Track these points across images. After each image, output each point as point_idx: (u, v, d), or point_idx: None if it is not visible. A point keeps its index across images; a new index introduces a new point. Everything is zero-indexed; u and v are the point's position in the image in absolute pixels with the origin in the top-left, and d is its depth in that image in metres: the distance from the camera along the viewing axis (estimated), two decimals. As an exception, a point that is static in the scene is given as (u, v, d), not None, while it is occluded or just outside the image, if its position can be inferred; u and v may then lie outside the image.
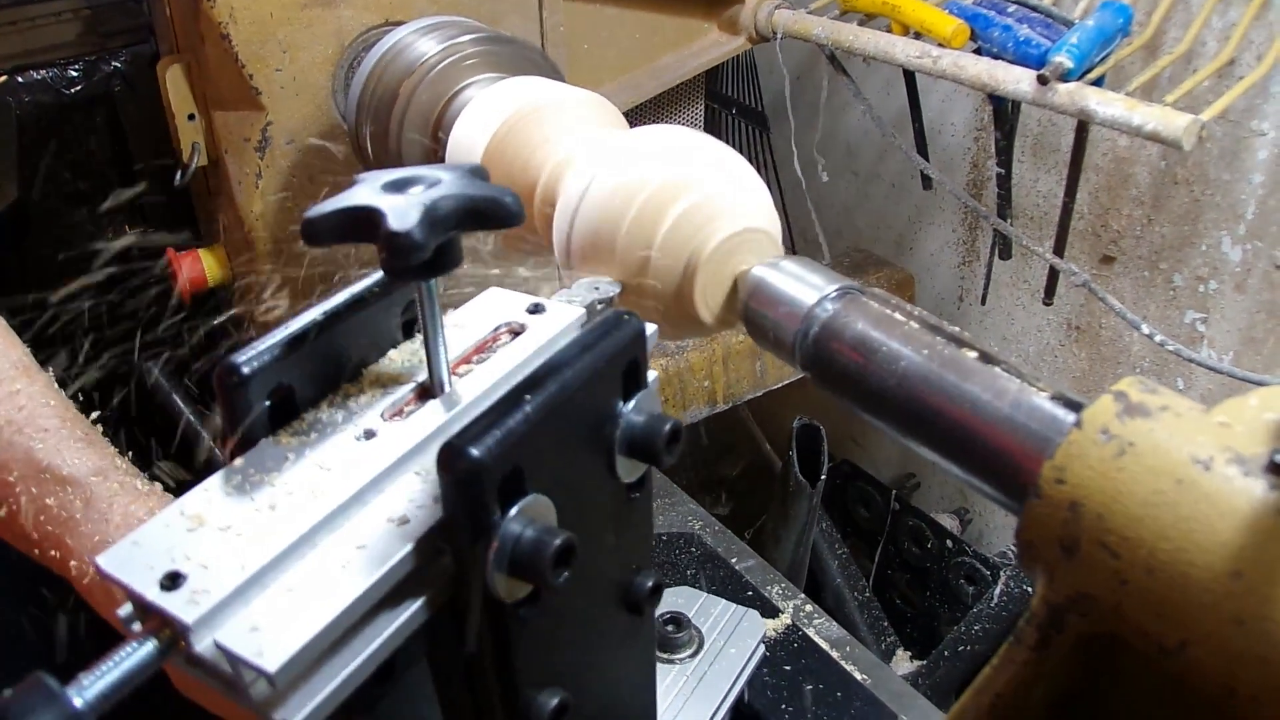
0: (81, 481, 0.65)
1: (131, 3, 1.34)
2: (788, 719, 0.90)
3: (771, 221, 0.65)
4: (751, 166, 0.67)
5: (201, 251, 1.21)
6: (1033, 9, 1.12)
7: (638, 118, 1.36)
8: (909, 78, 1.35)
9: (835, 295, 0.57)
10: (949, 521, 1.70)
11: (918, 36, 1.18)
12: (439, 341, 0.48)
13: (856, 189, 1.83)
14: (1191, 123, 0.94)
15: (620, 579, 0.54)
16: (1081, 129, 1.15)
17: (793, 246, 1.77)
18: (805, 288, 0.58)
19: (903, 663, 1.48)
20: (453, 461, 0.40)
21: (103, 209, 1.28)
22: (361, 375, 0.50)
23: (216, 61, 1.07)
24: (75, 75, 1.31)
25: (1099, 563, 0.40)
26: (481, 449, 0.40)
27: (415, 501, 0.44)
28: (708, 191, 0.62)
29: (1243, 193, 1.26)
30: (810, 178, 1.53)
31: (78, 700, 0.36)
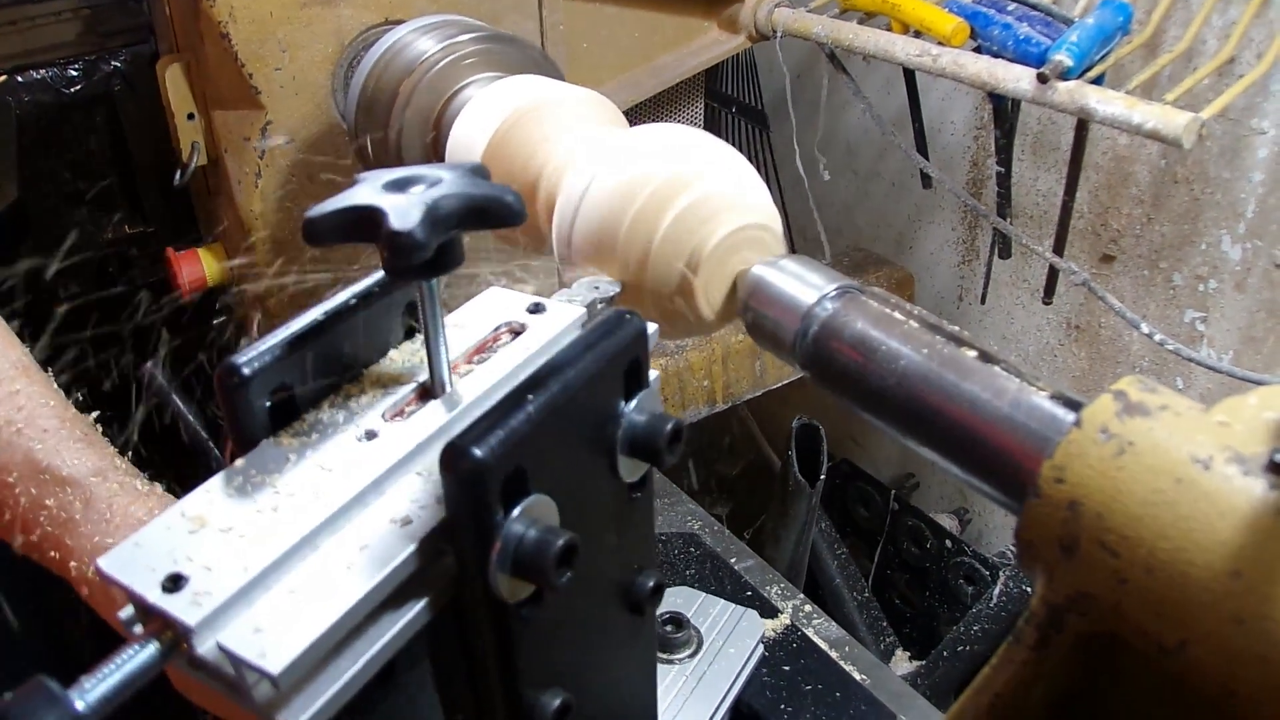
0: (81, 482, 0.65)
1: (131, 2, 1.34)
2: (787, 719, 0.90)
3: (772, 220, 0.65)
4: (751, 165, 0.67)
5: (201, 251, 1.21)
6: (1032, 7, 1.12)
7: (637, 116, 1.36)
8: (909, 76, 1.35)
9: (835, 294, 0.57)
10: (948, 521, 1.70)
11: (917, 35, 1.18)
12: (440, 341, 0.47)
13: (856, 188, 1.83)
14: (1191, 121, 0.94)
15: (622, 579, 0.53)
16: (1081, 127, 1.15)
17: (792, 245, 1.77)
18: (805, 287, 0.58)
19: (902, 663, 1.48)
20: (456, 461, 0.40)
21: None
22: (362, 375, 0.50)
23: (216, 61, 1.07)
24: (75, 75, 1.31)
25: (1098, 562, 0.40)
26: (484, 449, 0.40)
27: (418, 502, 0.44)
28: (708, 190, 0.62)
29: (1243, 191, 1.26)
30: (811, 176, 1.53)
31: (80, 703, 0.36)
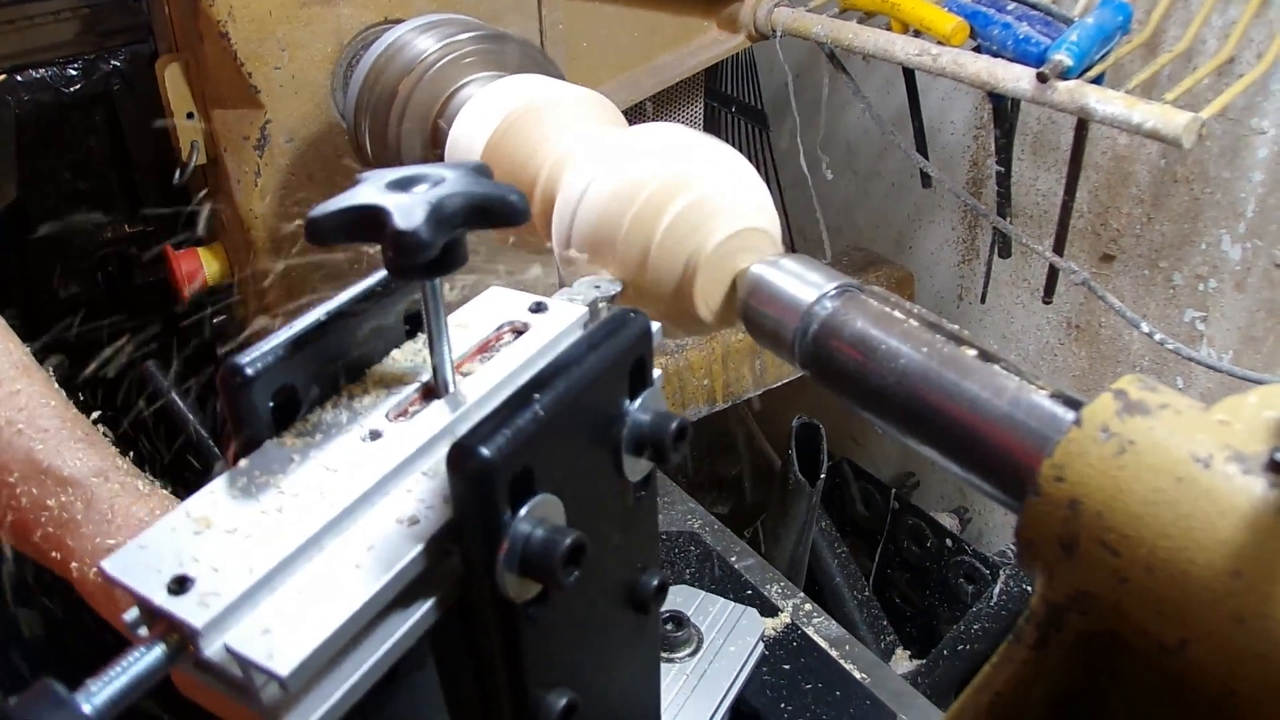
0: (82, 482, 0.65)
1: (130, 2, 1.34)
2: (787, 718, 0.90)
3: (771, 220, 0.64)
4: (751, 165, 0.67)
5: (200, 249, 1.21)
6: (1032, 6, 1.12)
7: (637, 116, 1.35)
8: (908, 76, 1.35)
9: (834, 293, 0.57)
10: (948, 520, 1.70)
11: (917, 34, 1.18)
12: (443, 341, 0.47)
13: (856, 187, 1.82)
14: (1191, 121, 0.94)
15: (626, 578, 0.53)
16: (1081, 127, 1.15)
17: (792, 245, 1.77)
18: (804, 286, 0.58)
19: (902, 662, 1.48)
20: (463, 461, 0.40)
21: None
22: (365, 375, 0.50)
23: (215, 60, 1.07)
24: (74, 74, 1.31)
25: (1099, 561, 0.40)
26: (492, 448, 0.39)
27: (424, 502, 0.44)
28: (707, 189, 0.62)
29: (1242, 191, 1.26)
30: (813, 176, 1.53)
31: (86, 707, 0.35)
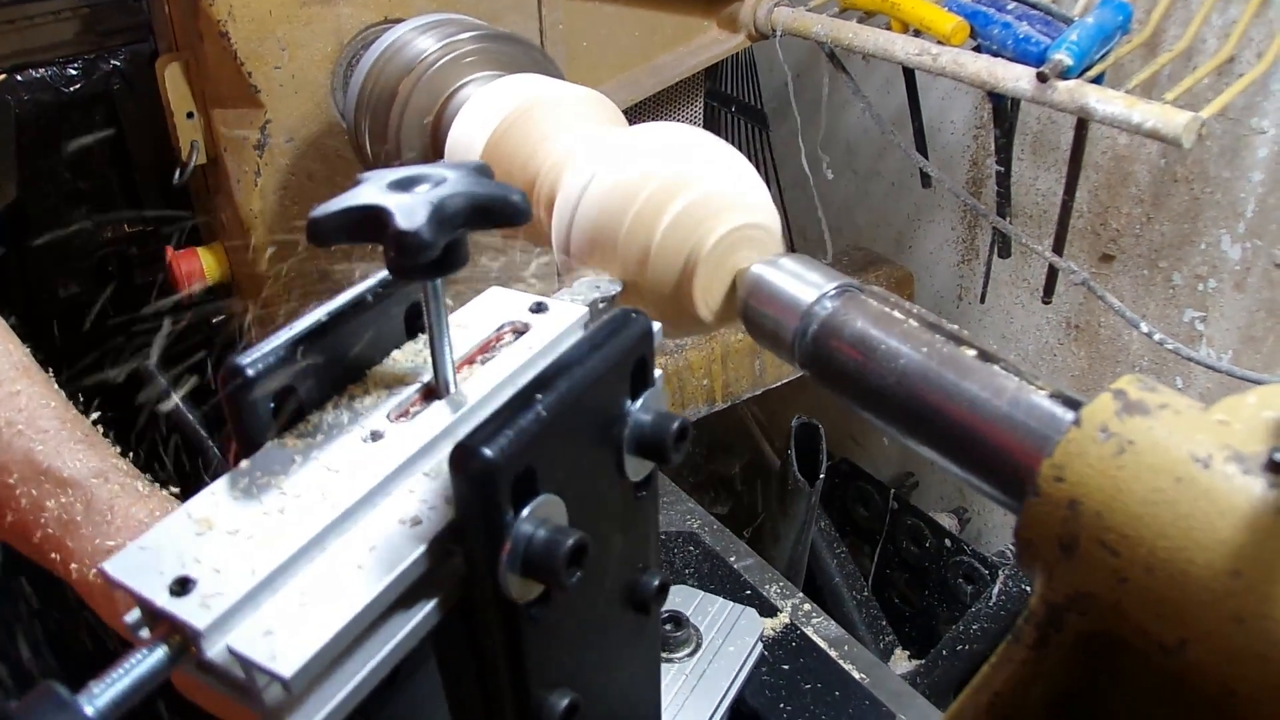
0: (82, 483, 0.65)
1: (130, 1, 1.34)
2: (786, 718, 0.90)
3: (771, 219, 0.64)
4: (751, 164, 0.67)
5: (200, 249, 1.21)
6: (1032, 6, 1.12)
7: (637, 116, 1.35)
8: (908, 75, 1.35)
9: (834, 293, 0.57)
10: (948, 521, 1.70)
11: (917, 34, 1.18)
12: (444, 341, 0.47)
13: (856, 187, 1.82)
14: (1191, 120, 0.94)
15: (627, 578, 0.53)
16: (1081, 127, 1.15)
17: (792, 245, 1.77)
18: (804, 285, 0.58)
19: (901, 662, 1.48)
20: (466, 462, 0.40)
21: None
22: (365, 376, 0.50)
23: (215, 59, 1.07)
24: (74, 74, 1.31)
25: (1098, 561, 0.40)
26: (495, 449, 0.39)
27: (427, 502, 0.44)
28: (707, 189, 0.62)
29: (1242, 191, 1.26)
30: (812, 175, 1.53)
31: (89, 709, 0.35)
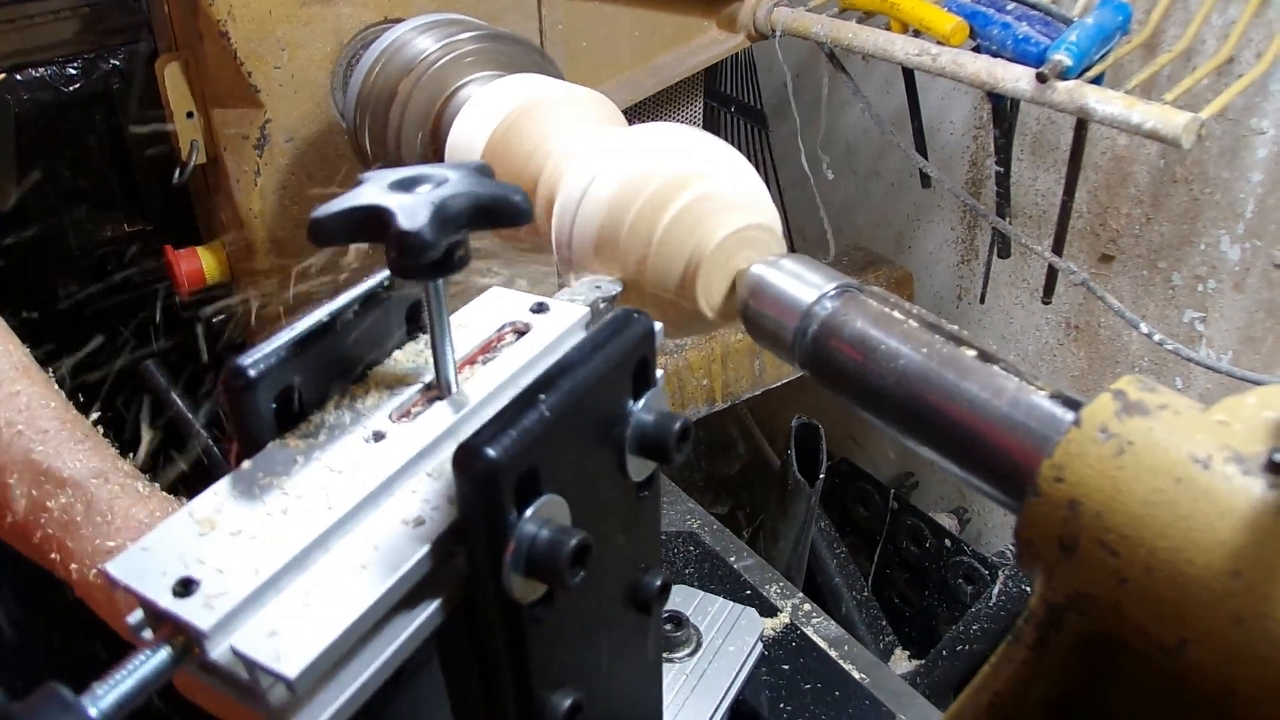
0: (82, 484, 0.65)
1: (130, 1, 1.34)
2: (786, 718, 0.90)
3: (771, 219, 0.64)
4: (751, 164, 0.67)
5: (200, 249, 1.21)
6: (1032, 6, 1.12)
7: (637, 115, 1.36)
8: (908, 76, 1.35)
9: (834, 293, 0.57)
10: (947, 521, 1.70)
11: (917, 34, 1.18)
12: (446, 342, 0.47)
13: (855, 187, 1.82)
14: (1191, 121, 0.94)
15: (630, 578, 0.53)
16: (1080, 127, 1.15)
17: (792, 245, 1.77)
18: (804, 286, 0.58)
19: (901, 662, 1.48)
20: (469, 462, 0.40)
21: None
22: (367, 376, 0.50)
23: (215, 59, 1.07)
24: (74, 73, 1.31)
25: (1098, 561, 0.40)
26: (498, 449, 0.39)
27: (430, 503, 0.44)
28: (707, 189, 0.62)
29: (1242, 191, 1.26)
30: (812, 175, 1.53)
31: (93, 710, 0.35)
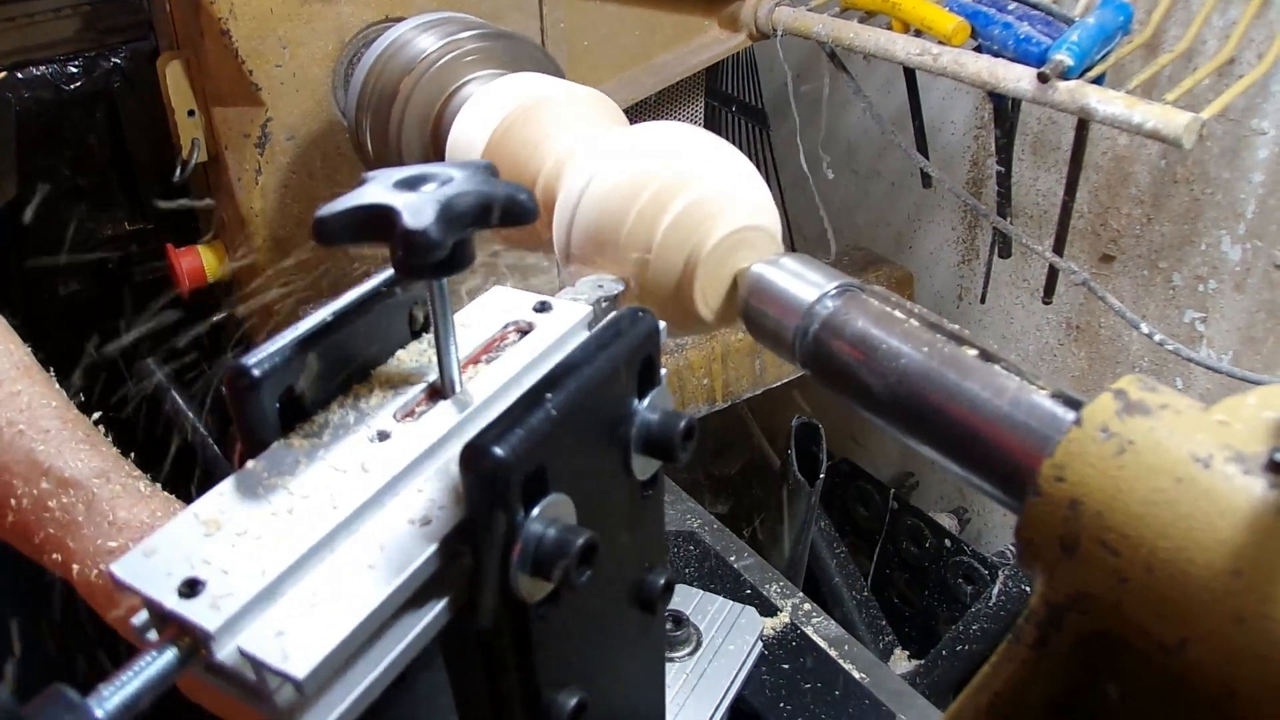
0: (83, 483, 0.65)
1: (131, -1, 1.34)
2: (786, 717, 0.90)
3: (772, 219, 0.64)
4: (751, 163, 0.67)
5: (201, 247, 1.21)
6: (1033, 6, 1.12)
7: (638, 115, 1.35)
8: (909, 75, 1.35)
9: (835, 292, 0.57)
10: (947, 521, 1.70)
11: (918, 34, 1.18)
12: (450, 341, 0.47)
13: (856, 187, 1.82)
14: (1192, 121, 0.94)
15: (634, 577, 0.53)
16: (1081, 127, 1.15)
17: (792, 244, 1.77)
18: (805, 285, 0.58)
19: (901, 662, 1.48)
20: (477, 461, 0.40)
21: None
22: (371, 376, 0.50)
23: (216, 57, 1.07)
24: (75, 71, 1.31)
25: (1099, 561, 0.40)
26: (506, 448, 0.39)
27: (436, 502, 0.43)
28: (708, 189, 0.62)
29: (1243, 192, 1.26)
30: (814, 175, 1.53)
31: (99, 711, 0.35)
